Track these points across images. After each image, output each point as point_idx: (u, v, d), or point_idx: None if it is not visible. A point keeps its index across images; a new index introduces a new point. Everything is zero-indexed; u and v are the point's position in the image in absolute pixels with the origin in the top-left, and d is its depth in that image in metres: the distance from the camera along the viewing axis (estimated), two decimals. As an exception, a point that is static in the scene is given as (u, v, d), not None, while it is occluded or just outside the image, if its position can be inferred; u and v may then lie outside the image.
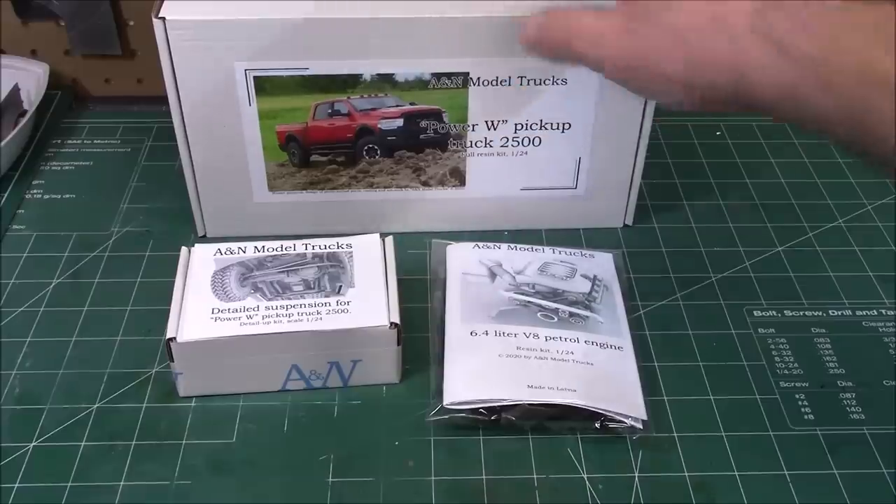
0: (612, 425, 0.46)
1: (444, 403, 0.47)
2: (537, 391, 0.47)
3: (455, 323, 0.51)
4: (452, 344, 0.50)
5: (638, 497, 0.44)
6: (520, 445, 0.47)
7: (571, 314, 0.51)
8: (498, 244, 0.56)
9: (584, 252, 0.56)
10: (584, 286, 0.54)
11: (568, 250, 0.56)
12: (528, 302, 0.52)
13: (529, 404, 0.46)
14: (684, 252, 0.59)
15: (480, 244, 0.56)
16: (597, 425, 0.46)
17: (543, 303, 0.52)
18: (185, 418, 0.48)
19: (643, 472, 0.45)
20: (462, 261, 0.55)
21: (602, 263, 0.56)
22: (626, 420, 0.46)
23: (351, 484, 0.45)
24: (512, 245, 0.56)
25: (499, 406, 0.46)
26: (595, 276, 0.54)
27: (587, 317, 0.51)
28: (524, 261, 0.55)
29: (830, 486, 0.45)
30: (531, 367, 0.48)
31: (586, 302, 0.52)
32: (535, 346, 0.49)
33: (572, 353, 0.49)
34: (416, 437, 0.47)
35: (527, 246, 0.56)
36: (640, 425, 0.46)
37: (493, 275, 0.54)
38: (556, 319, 0.51)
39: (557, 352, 0.49)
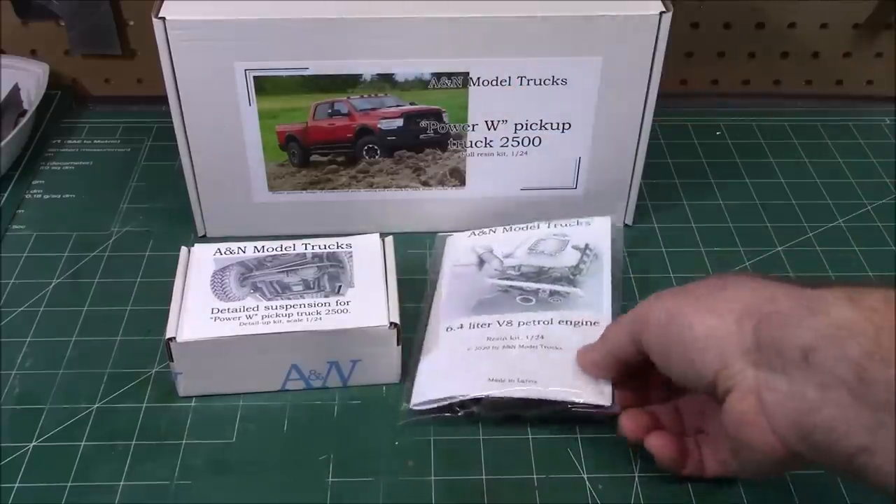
0: (577, 410, 0.45)
1: (410, 405, 0.47)
2: (497, 384, 0.46)
3: (435, 320, 0.51)
4: (428, 342, 0.50)
5: (638, 497, 0.44)
6: (520, 445, 0.47)
7: (552, 293, 0.51)
8: (494, 229, 0.56)
9: (580, 220, 0.55)
10: (573, 258, 0.53)
11: (565, 221, 0.55)
12: (510, 287, 0.52)
13: (494, 398, 0.46)
14: (684, 252, 0.59)
15: (476, 231, 0.56)
16: (568, 406, 0.46)
17: (524, 285, 0.52)
18: (185, 418, 0.48)
19: (643, 472, 0.45)
20: (456, 251, 0.55)
21: (597, 229, 0.54)
22: (588, 405, 0.45)
23: (350, 484, 0.45)
24: (508, 227, 0.56)
25: (466, 401, 0.46)
26: (587, 245, 0.54)
27: (568, 293, 0.51)
28: (517, 242, 0.55)
29: (830, 485, 0.45)
30: (496, 358, 0.48)
31: (570, 276, 0.52)
32: (506, 335, 0.49)
33: (542, 337, 0.48)
34: (416, 437, 0.47)
35: (523, 225, 0.56)
36: (606, 403, 0.45)
37: (481, 262, 0.54)
38: (534, 301, 0.50)
39: (527, 338, 0.48)
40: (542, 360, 0.47)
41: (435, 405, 0.47)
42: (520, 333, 0.49)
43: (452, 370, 0.48)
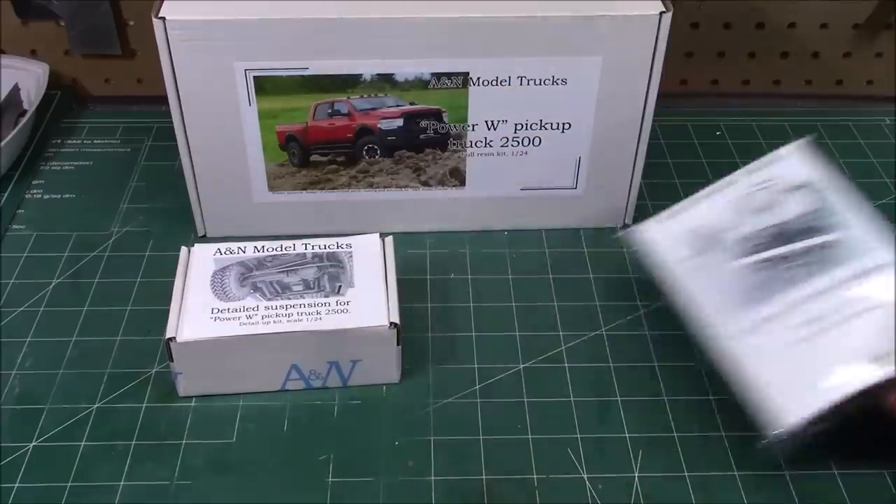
0: None
1: (779, 432, 0.41)
2: (856, 373, 0.39)
3: (715, 328, 0.44)
4: (736, 356, 0.43)
5: (638, 497, 0.44)
6: (520, 445, 0.47)
7: (810, 249, 0.43)
8: (674, 208, 0.47)
9: (768, 159, 0.46)
10: (798, 202, 0.44)
11: (751, 167, 0.46)
12: (767, 259, 0.43)
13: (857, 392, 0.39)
14: (684, 252, 0.59)
15: (661, 217, 0.47)
16: None
17: (780, 251, 0.43)
18: (184, 418, 0.48)
19: (643, 472, 0.45)
20: (666, 246, 0.47)
21: (796, 160, 0.46)
22: None
23: (351, 484, 0.45)
24: (694, 198, 0.47)
25: (826, 410, 0.40)
26: (804, 182, 0.45)
27: (828, 242, 0.43)
28: (722, 210, 0.46)
29: (831, 486, 0.45)
30: (827, 344, 0.40)
31: (816, 223, 0.43)
32: (811, 314, 0.41)
33: (848, 303, 0.41)
34: (416, 437, 0.47)
35: (706, 191, 0.46)
36: None
37: (707, 245, 0.45)
38: (801, 266, 0.42)
39: (835, 308, 0.41)
40: (872, 326, 0.40)
41: (802, 424, 0.40)
42: (821, 307, 0.41)
43: (795, 377, 0.41)
